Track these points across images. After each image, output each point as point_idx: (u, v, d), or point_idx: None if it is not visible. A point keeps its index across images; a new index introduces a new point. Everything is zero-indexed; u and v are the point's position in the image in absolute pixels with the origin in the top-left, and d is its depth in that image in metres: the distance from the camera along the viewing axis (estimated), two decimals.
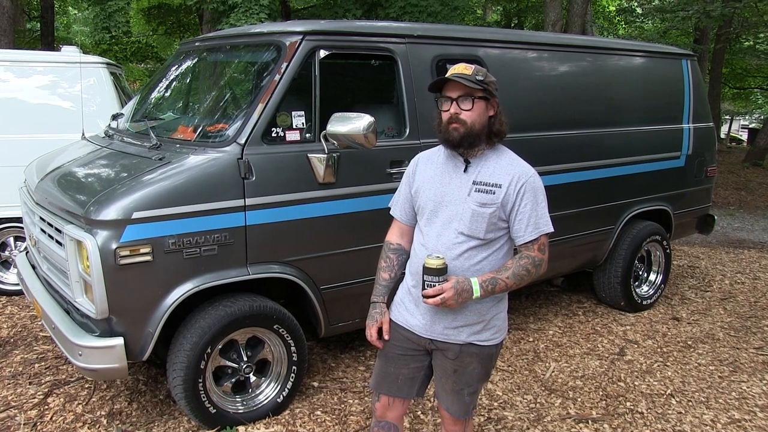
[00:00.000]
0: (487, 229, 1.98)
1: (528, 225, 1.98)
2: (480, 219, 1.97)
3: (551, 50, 4.13)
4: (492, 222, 1.98)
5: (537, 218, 1.99)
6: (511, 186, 1.97)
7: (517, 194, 1.97)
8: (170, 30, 16.03)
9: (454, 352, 2.07)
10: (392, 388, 2.20)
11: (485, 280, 1.94)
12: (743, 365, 3.91)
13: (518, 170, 1.99)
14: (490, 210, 1.97)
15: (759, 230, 8.49)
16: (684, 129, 4.86)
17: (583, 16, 10.55)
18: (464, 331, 2.04)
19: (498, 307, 2.09)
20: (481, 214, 1.97)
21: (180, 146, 2.96)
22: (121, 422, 3.08)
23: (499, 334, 2.11)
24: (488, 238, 2.00)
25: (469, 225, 1.98)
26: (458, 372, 2.09)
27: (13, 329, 4.16)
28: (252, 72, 3.45)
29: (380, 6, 10.94)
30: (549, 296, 5.09)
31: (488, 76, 1.99)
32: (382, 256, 2.22)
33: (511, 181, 1.97)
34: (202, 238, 2.71)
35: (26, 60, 4.86)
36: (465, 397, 2.13)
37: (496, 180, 1.98)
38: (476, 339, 2.06)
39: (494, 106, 2.01)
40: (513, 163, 2.02)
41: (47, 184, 3.11)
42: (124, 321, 2.63)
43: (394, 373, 2.18)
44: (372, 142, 2.82)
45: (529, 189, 1.98)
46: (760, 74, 21.08)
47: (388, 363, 2.19)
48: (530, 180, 1.99)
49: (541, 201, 2.00)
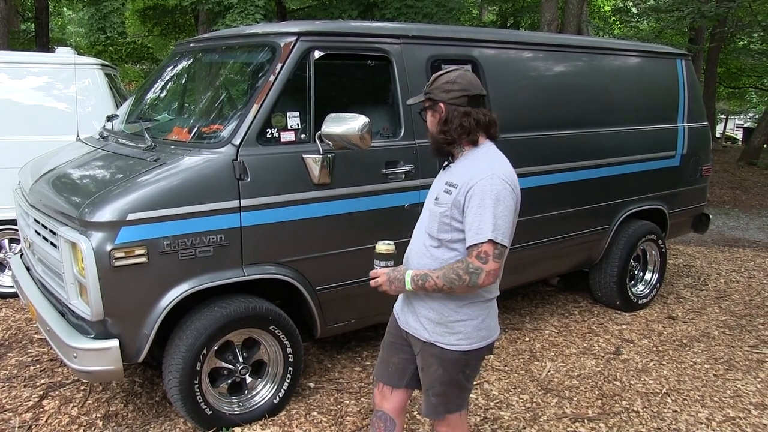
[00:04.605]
0: (439, 228, 1.98)
1: (470, 229, 1.89)
2: (433, 217, 2.02)
3: (546, 50, 4.13)
4: (443, 221, 1.96)
5: (480, 223, 1.86)
6: (463, 187, 1.92)
7: (465, 196, 1.91)
8: (166, 31, 16.01)
9: (418, 347, 2.12)
10: (384, 375, 2.27)
11: (417, 275, 1.97)
12: (738, 363, 3.93)
13: (475, 172, 1.92)
14: (441, 209, 1.98)
15: (754, 229, 8.52)
16: (679, 128, 4.87)
17: (578, 16, 10.58)
18: (427, 328, 2.06)
19: (463, 312, 2.01)
20: (434, 212, 2.02)
21: (175, 147, 2.96)
22: (117, 424, 3.07)
23: (467, 342, 2.02)
24: (442, 238, 1.99)
25: (428, 223, 2.05)
26: (424, 371, 2.13)
27: (7, 332, 4.15)
28: (247, 73, 3.45)
29: (376, 7, 10.96)
30: (545, 296, 5.10)
31: (437, 81, 1.99)
32: None
33: (465, 182, 1.93)
34: (198, 240, 2.71)
35: (21, 61, 4.85)
36: (430, 398, 2.12)
37: (456, 180, 1.98)
38: (439, 341, 2.04)
39: (441, 110, 1.99)
40: (476, 165, 1.95)
41: (42, 185, 3.10)
42: (119, 323, 2.63)
43: (387, 359, 2.27)
44: (367, 142, 2.82)
45: (477, 192, 1.87)
46: (754, 73, 21.18)
47: (384, 349, 2.29)
48: (481, 183, 1.87)
49: (488, 206, 1.85)
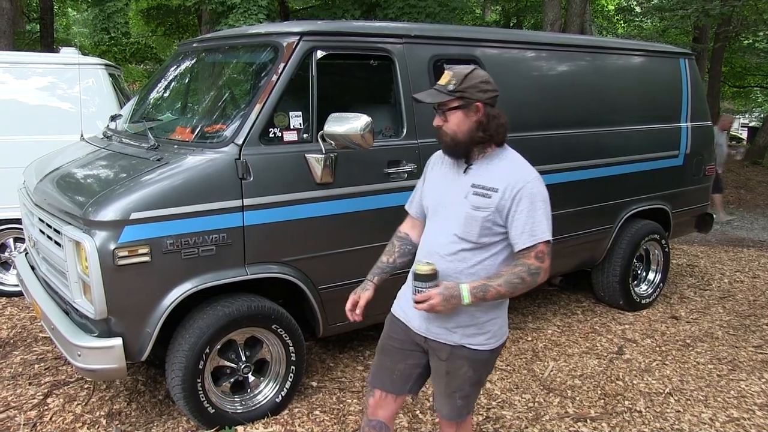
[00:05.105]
0: (480, 233, 1.95)
1: (523, 232, 1.91)
2: (473, 222, 1.94)
3: (549, 50, 4.13)
4: (486, 226, 1.94)
5: (533, 225, 1.90)
6: (507, 191, 1.91)
7: (512, 200, 1.91)
8: (169, 31, 16.05)
9: (445, 352, 2.04)
10: (386, 382, 2.18)
11: (476, 287, 1.88)
12: (742, 364, 3.92)
13: (517, 175, 1.94)
14: (484, 214, 1.93)
15: (758, 229, 8.49)
16: (682, 128, 4.86)
17: (581, 16, 10.55)
18: (457, 332, 2.01)
19: (495, 312, 2.04)
20: (474, 217, 1.94)
21: (178, 147, 2.97)
22: (120, 422, 3.09)
23: (494, 340, 2.06)
24: (482, 242, 1.96)
25: (463, 227, 1.96)
26: (450, 374, 2.07)
27: (12, 330, 4.17)
28: (250, 73, 3.46)
29: (379, 7, 10.96)
30: (548, 295, 5.10)
31: (468, 79, 1.92)
32: (390, 241, 2.28)
33: (508, 186, 1.92)
34: (201, 239, 2.72)
35: (25, 62, 4.87)
36: (456, 401, 2.10)
37: (493, 184, 1.94)
38: (469, 342, 2.02)
39: (478, 110, 1.94)
40: (513, 168, 1.97)
41: (46, 185, 3.12)
42: (122, 321, 2.64)
43: (390, 366, 2.16)
44: (369, 142, 2.83)
45: (526, 195, 1.91)
46: (759, 72, 21.06)
47: (386, 356, 2.18)
48: (528, 186, 1.91)
49: (539, 208, 1.92)
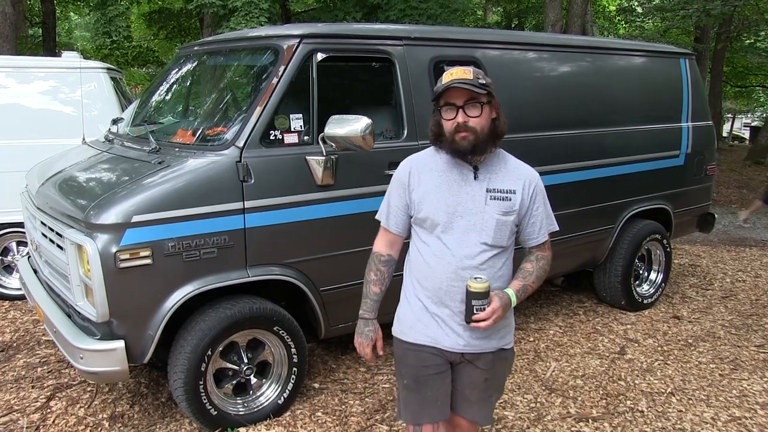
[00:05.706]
0: (509, 236, 2.00)
1: (541, 228, 2.03)
2: (504, 228, 1.96)
3: (549, 51, 4.14)
4: (512, 230, 2.01)
5: (546, 218, 2.05)
6: (525, 191, 1.99)
7: (530, 198, 2.00)
8: (171, 34, 16.09)
9: (485, 361, 2.04)
10: (434, 414, 2.05)
11: (518, 289, 1.96)
12: (744, 363, 3.91)
13: (527, 174, 2.02)
14: (512, 217, 1.98)
15: (761, 228, 8.47)
16: (683, 128, 4.86)
17: (582, 16, 10.56)
18: (494, 337, 2.04)
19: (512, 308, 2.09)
20: (505, 223, 1.96)
21: (179, 150, 2.98)
22: (123, 425, 3.09)
23: (511, 335, 2.14)
24: (507, 244, 2.01)
25: (494, 235, 1.94)
26: (489, 380, 2.08)
27: (15, 333, 4.18)
28: (250, 75, 3.47)
29: (380, 9, 10.97)
30: (549, 296, 5.10)
31: (486, 77, 1.94)
32: (372, 268, 2.09)
33: (524, 185, 1.99)
34: (202, 241, 2.73)
35: (27, 66, 4.90)
36: (492, 402, 2.16)
37: (510, 186, 1.97)
38: (503, 344, 2.08)
39: (496, 107, 1.96)
40: (519, 167, 2.04)
41: (48, 188, 3.13)
42: (124, 324, 2.65)
43: (433, 396, 2.05)
44: (370, 144, 2.84)
45: (539, 192, 2.02)
46: (761, 72, 21.02)
47: (426, 388, 2.04)
48: (537, 183, 2.03)
49: (547, 201, 2.06)
